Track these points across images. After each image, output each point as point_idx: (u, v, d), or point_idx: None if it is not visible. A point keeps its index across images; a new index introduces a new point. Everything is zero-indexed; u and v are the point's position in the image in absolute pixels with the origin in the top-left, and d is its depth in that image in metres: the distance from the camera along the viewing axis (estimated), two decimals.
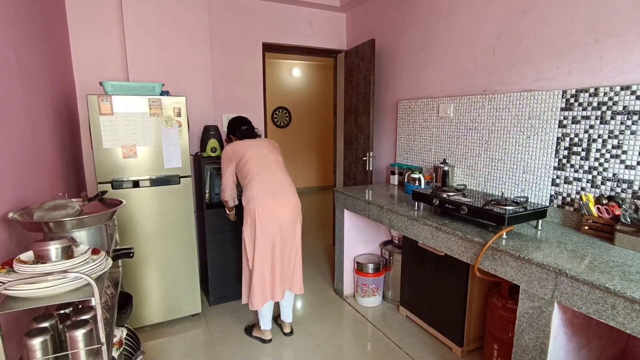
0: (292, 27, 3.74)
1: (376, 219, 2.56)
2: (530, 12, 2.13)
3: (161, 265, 2.59)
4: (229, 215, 2.67)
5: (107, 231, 1.54)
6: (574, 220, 1.96)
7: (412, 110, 3.08)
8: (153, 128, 2.41)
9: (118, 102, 2.29)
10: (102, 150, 2.30)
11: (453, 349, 2.35)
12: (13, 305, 1.00)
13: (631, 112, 1.73)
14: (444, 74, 2.77)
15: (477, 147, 2.52)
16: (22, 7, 1.73)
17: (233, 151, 2.39)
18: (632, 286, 1.24)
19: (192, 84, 3.19)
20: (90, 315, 1.20)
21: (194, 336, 2.58)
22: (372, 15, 3.54)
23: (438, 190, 2.25)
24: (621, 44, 1.75)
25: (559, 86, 2.02)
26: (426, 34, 2.90)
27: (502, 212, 1.78)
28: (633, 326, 1.21)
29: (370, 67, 3.26)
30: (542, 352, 1.52)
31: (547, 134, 2.08)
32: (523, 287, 1.57)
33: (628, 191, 1.76)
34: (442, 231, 1.98)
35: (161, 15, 3.00)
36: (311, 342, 2.48)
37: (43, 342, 1.05)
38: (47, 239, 1.16)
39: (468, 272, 2.18)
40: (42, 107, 1.91)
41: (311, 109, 7.41)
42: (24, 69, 1.67)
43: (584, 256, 1.53)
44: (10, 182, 1.39)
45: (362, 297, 2.95)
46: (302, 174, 7.54)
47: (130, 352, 1.74)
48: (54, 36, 2.36)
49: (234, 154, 2.38)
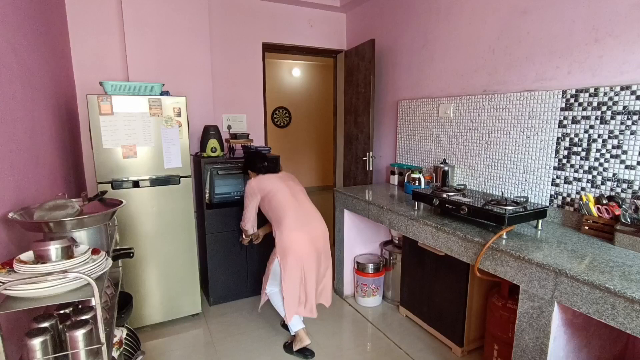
0: (292, 27, 3.74)
1: (376, 219, 2.56)
2: (530, 12, 2.13)
3: (161, 265, 2.59)
4: (243, 240, 2.70)
5: (107, 231, 1.54)
6: (574, 220, 1.96)
7: (412, 110, 3.07)
8: (153, 128, 2.41)
9: (118, 102, 2.29)
10: (102, 150, 2.30)
11: (453, 349, 2.35)
12: (13, 305, 1.00)
13: (631, 112, 1.72)
14: (444, 74, 2.77)
15: (477, 147, 2.52)
16: (22, 8, 1.73)
17: (258, 185, 2.42)
18: (632, 286, 1.24)
19: (192, 84, 3.19)
20: (90, 315, 1.19)
21: (194, 336, 2.58)
22: (372, 15, 3.54)
23: (438, 190, 2.25)
24: (621, 44, 1.75)
25: (559, 86, 2.02)
26: (426, 34, 2.90)
27: (502, 212, 1.78)
28: (633, 326, 1.21)
29: (370, 67, 3.26)
30: (542, 352, 1.52)
31: (547, 134, 2.08)
32: (523, 287, 1.57)
33: (628, 191, 1.76)
34: (442, 231, 1.98)
35: (161, 15, 3.00)
36: (311, 342, 2.48)
37: (43, 342, 1.04)
38: (47, 239, 1.16)
39: (468, 272, 2.18)
40: (42, 107, 1.91)
41: (311, 109, 7.41)
42: (24, 69, 1.67)
43: (584, 256, 1.53)
44: (10, 182, 1.39)
45: (362, 297, 2.95)
46: (302, 174, 7.53)
47: (130, 352, 1.74)
48: (54, 36, 2.36)
49: (259, 188, 2.42)
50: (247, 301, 3.03)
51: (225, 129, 3.46)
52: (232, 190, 2.89)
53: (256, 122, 3.70)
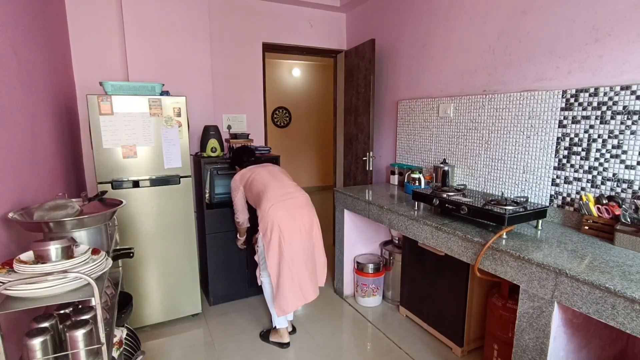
0: (292, 27, 3.74)
1: (376, 219, 2.56)
2: (530, 12, 2.13)
3: (161, 265, 2.59)
4: (239, 241, 2.70)
5: (107, 231, 1.54)
6: (574, 220, 1.96)
7: (412, 110, 3.07)
8: (153, 128, 2.41)
9: (118, 102, 2.29)
10: (102, 150, 2.30)
11: (453, 349, 2.35)
12: (13, 305, 1.00)
13: (631, 112, 1.72)
14: (444, 74, 2.77)
15: (477, 147, 2.52)
16: (22, 8, 1.73)
17: (240, 178, 2.48)
18: (632, 286, 1.24)
19: (192, 84, 3.19)
20: (90, 315, 1.19)
21: (194, 336, 2.58)
22: (372, 15, 3.54)
23: (438, 190, 2.25)
24: (621, 44, 1.75)
25: (559, 86, 2.02)
26: (426, 34, 2.90)
27: (502, 212, 1.78)
28: (633, 326, 1.21)
29: (370, 67, 3.26)
30: (542, 352, 1.52)
31: (547, 134, 2.08)
32: (523, 287, 1.57)
33: (628, 191, 1.76)
34: (442, 231, 1.98)
35: (161, 15, 3.00)
36: (311, 342, 2.48)
37: (43, 342, 1.04)
38: (47, 239, 1.16)
39: (468, 272, 2.18)
40: (42, 107, 1.91)
41: (311, 109, 7.41)
42: (24, 69, 1.67)
43: (584, 256, 1.53)
44: (10, 182, 1.39)
45: (362, 297, 2.95)
46: (302, 174, 7.53)
47: (130, 352, 1.74)
48: (54, 36, 2.36)
49: (241, 180, 2.47)
50: (247, 301, 3.03)
51: (225, 129, 3.46)
52: None
53: (256, 122, 3.70)
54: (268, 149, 3.13)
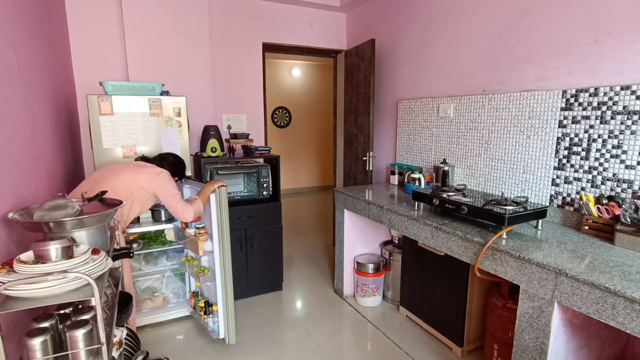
0: (292, 27, 3.74)
1: (376, 219, 2.55)
2: (530, 12, 2.13)
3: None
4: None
5: (107, 231, 1.54)
6: (574, 220, 1.96)
7: (412, 110, 3.07)
8: (153, 128, 2.41)
9: (118, 102, 2.29)
10: (102, 150, 2.30)
11: (453, 349, 2.35)
12: (13, 305, 1.00)
13: (631, 112, 1.72)
14: (444, 74, 2.77)
15: (477, 147, 2.52)
16: (22, 7, 1.73)
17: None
18: (632, 286, 1.24)
19: (192, 84, 3.19)
20: (90, 315, 1.19)
21: (194, 336, 2.58)
22: (372, 15, 3.54)
23: (438, 190, 2.25)
24: (621, 44, 1.75)
25: (559, 86, 2.02)
26: (426, 34, 2.89)
27: (502, 212, 1.78)
28: (633, 326, 1.21)
29: (370, 67, 3.26)
30: (542, 352, 1.52)
31: (547, 134, 2.08)
32: (523, 287, 1.57)
33: (628, 191, 1.76)
34: (442, 231, 1.98)
35: (161, 15, 3.00)
36: (311, 342, 2.48)
37: (43, 342, 1.04)
38: (47, 239, 1.16)
39: (468, 272, 2.18)
40: (42, 107, 1.91)
41: (311, 109, 7.41)
42: (24, 69, 1.67)
43: (584, 256, 1.53)
44: (10, 182, 1.39)
45: (362, 297, 2.95)
46: (302, 174, 7.53)
47: (130, 352, 1.74)
48: (54, 36, 2.36)
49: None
50: (247, 301, 3.02)
51: (225, 129, 3.46)
52: (232, 190, 2.89)
53: (256, 122, 3.70)
54: (268, 149, 3.13)
